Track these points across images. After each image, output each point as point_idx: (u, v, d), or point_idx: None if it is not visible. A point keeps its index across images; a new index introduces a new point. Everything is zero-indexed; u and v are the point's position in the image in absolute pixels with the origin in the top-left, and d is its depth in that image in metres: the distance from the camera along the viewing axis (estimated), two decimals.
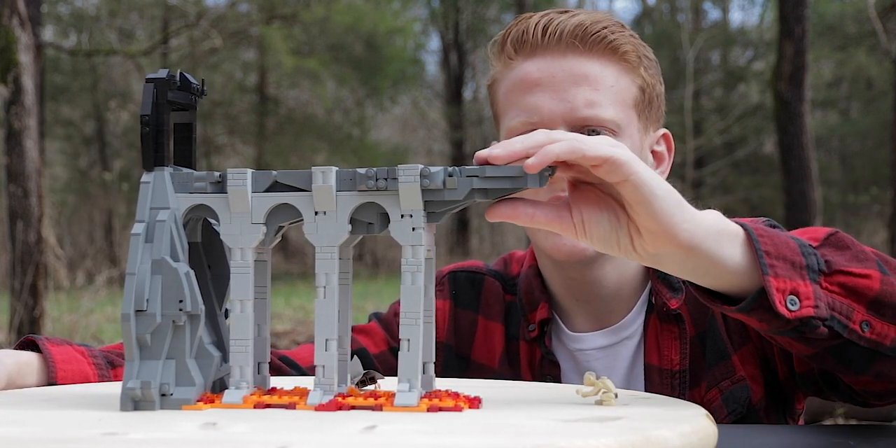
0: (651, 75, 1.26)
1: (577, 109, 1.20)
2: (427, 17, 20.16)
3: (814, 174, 8.17)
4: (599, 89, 1.21)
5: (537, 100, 1.21)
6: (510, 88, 1.25)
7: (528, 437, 0.69)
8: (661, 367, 1.25)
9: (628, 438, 0.69)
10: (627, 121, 1.23)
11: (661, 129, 1.32)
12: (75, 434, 0.72)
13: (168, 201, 0.86)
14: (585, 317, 1.31)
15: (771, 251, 0.89)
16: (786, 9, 8.16)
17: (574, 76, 1.20)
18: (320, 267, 0.85)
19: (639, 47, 1.25)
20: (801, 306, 0.88)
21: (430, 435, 0.70)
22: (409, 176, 0.83)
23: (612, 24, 1.24)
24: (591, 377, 0.88)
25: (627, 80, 1.23)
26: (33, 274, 6.77)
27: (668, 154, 1.33)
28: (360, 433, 0.71)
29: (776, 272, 0.88)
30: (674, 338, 1.25)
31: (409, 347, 0.83)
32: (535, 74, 1.22)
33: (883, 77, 16.26)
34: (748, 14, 32.23)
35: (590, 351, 1.30)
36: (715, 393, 1.22)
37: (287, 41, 15.21)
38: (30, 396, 0.95)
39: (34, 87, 6.94)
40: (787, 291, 0.88)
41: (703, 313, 1.24)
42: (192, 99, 0.90)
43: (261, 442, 0.68)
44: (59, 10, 16.06)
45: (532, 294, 1.33)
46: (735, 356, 1.22)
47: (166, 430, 0.73)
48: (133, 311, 0.83)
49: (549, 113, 1.20)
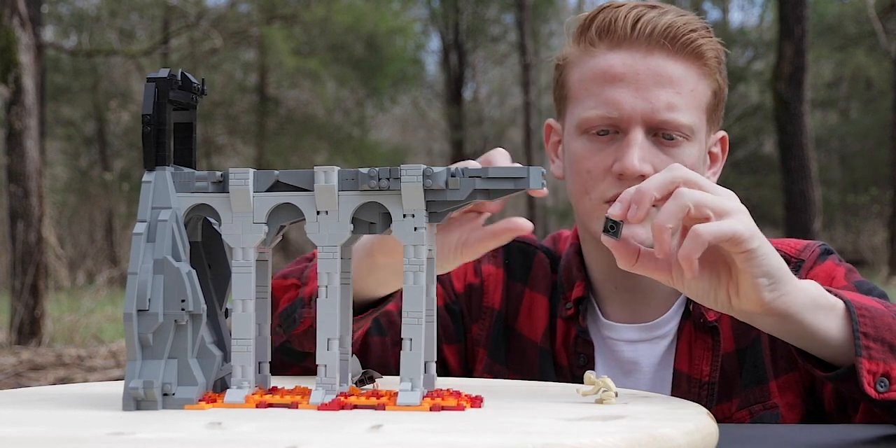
0: (723, 79, 1.27)
1: (657, 111, 1.19)
2: (427, 17, 20.15)
3: (813, 174, 8.17)
4: (681, 93, 1.20)
5: (619, 95, 1.20)
6: (589, 77, 1.23)
7: (535, 436, 0.69)
8: (691, 376, 1.24)
9: (634, 437, 0.69)
10: (700, 125, 1.23)
11: (720, 132, 1.33)
12: (82, 434, 0.72)
13: (170, 201, 0.86)
14: (621, 307, 1.31)
15: (870, 333, 0.91)
16: (786, 9, 8.16)
17: (658, 76, 1.19)
18: (322, 266, 0.85)
19: (719, 52, 1.25)
20: (891, 389, 0.91)
21: (437, 434, 0.71)
22: (412, 176, 0.83)
23: (700, 26, 1.23)
24: (591, 376, 0.88)
25: (705, 84, 1.23)
26: (34, 274, 6.78)
27: (722, 155, 1.34)
28: (366, 432, 0.71)
29: (871, 354, 0.91)
30: (707, 348, 1.24)
31: (412, 346, 0.83)
32: (620, 68, 1.20)
33: (882, 77, 16.27)
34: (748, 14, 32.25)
35: (620, 341, 1.29)
36: (745, 414, 1.22)
37: (287, 41, 15.20)
38: (31, 396, 0.95)
39: (35, 87, 6.95)
40: (878, 374, 0.91)
41: (746, 331, 1.23)
42: (193, 98, 0.90)
43: (270, 441, 0.68)
44: (59, 10, 16.06)
45: (570, 272, 1.33)
46: (774, 382, 1.22)
47: (172, 429, 0.73)
48: (135, 310, 0.83)
49: (630, 110, 1.19)
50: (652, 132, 1.20)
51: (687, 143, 1.21)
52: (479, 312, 1.36)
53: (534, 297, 1.36)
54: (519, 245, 1.39)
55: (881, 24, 10.00)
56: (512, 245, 1.39)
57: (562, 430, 0.72)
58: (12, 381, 5.12)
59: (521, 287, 1.37)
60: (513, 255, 1.39)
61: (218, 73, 16.41)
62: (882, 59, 14.98)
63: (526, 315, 1.35)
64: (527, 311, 1.35)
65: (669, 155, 1.19)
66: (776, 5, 8.94)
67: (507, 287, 1.37)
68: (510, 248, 1.39)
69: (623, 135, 1.20)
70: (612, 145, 1.21)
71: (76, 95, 16.66)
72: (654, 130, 1.20)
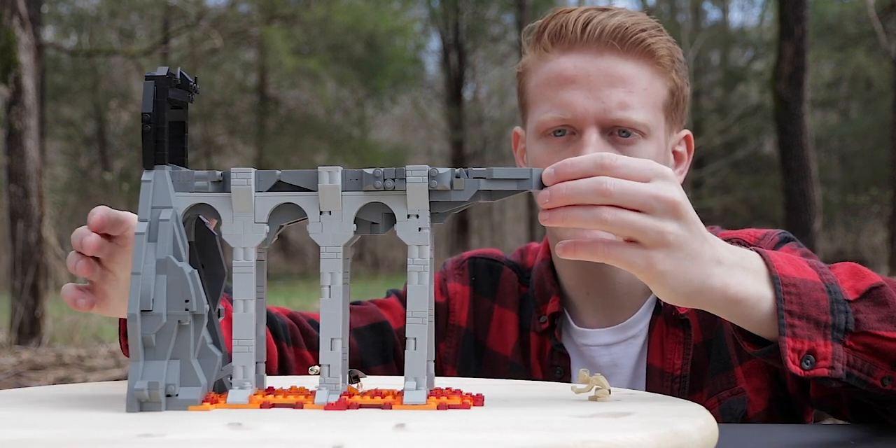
0: (681, 78, 1.28)
1: (610, 111, 1.20)
2: (427, 17, 20.15)
3: (813, 174, 8.16)
4: (633, 91, 1.21)
5: (571, 97, 1.21)
6: (543, 81, 1.25)
7: (568, 433, 0.69)
8: (663, 370, 1.25)
9: (660, 432, 0.70)
10: (657, 123, 1.24)
11: (684, 130, 1.33)
12: (110, 435, 0.71)
13: (170, 200, 0.86)
14: (594, 311, 1.32)
15: (795, 310, 0.91)
16: (785, 9, 8.16)
17: (609, 77, 1.21)
18: (325, 266, 0.85)
19: (673, 50, 1.26)
20: (817, 366, 0.91)
21: (466, 432, 0.71)
22: (417, 177, 0.83)
23: (650, 26, 1.24)
24: (586, 374, 0.90)
25: (660, 82, 1.24)
26: (34, 274, 6.77)
27: (687, 154, 1.35)
28: (396, 431, 0.71)
29: (794, 332, 0.90)
30: (678, 342, 1.26)
31: (416, 345, 0.83)
32: (571, 71, 1.22)
33: (882, 77, 16.26)
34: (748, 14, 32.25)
35: (595, 347, 1.30)
36: (714, 402, 1.23)
37: (287, 41, 15.20)
38: (36, 397, 0.94)
39: (35, 87, 6.94)
40: (803, 351, 0.90)
41: (711, 322, 1.25)
42: (190, 96, 0.90)
43: (309, 441, 0.67)
44: (59, 10, 16.05)
45: (544, 287, 1.34)
46: (739, 368, 1.23)
47: (197, 430, 0.72)
48: (139, 311, 0.83)
49: (582, 111, 1.21)
50: (608, 131, 1.22)
51: (643, 141, 1.22)
52: (446, 330, 1.38)
53: (503, 313, 1.37)
54: (485, 261, 1.42)
55: (881, 24, 10.00)
56: (478, 261, 1.42)
57: (583, 426, 0.73)
58: (12, 381, 5.12)
59: (490, 303, 1.39)
60: (479, 271, 1.41)
61: (218, 73, 16.41)
62: (882, 59, 14.98)
63: (496, 331, 1.37)
64: (497, 326, 1.37)
65: (626, 153, 1.20)
66: (776, 5, 8.94)
67: (474, 304, 1.39)
68: (476, 264, 1.41)
69: (579, 136, 1.22)
70: (569, 146, 1.23)
71: (76, 95, 16.66)
72: (609, 129, 1.22)
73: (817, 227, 8.05)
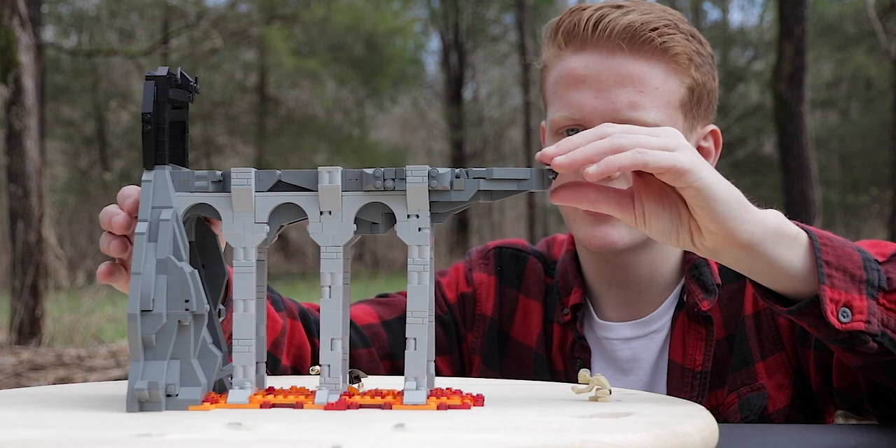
0: (703, 73, 1.25)
1: (619, 111, 1.19)
2: (427, 17, 20.16)
3: (813, 174, 8.16)
4: (644, 91, 1.20)
5: (581, 97, 1.21)
6: (556, 80, 1.25)
7: (568, 433, 0.69)
8: (684, 366, 1.25)
9: (659, 433, 0.70)
10: (671, 123, 1.22)
11: (710, 125, 1.31)
12: (109, 435, 0.71)
13: (170, 200, 0.86)
14: (616, 305, 1.31)
15: (832, 261, 0.90)
16: (785, 9, 8.16)
17: (619, 76, 1.20)
18: (326, 266, 0.85)
19: (690, 47, 1.23)
20: (853, 320, 0.89)
21: (467, 432, 0.71)
22: (417, 177, 0.83)
23: (663, 24, 1.21)
24: (586, 374, 0.90)
25: (676, 81, 1.22)
26: (34, 274, 6.77)
27: (714, 150, 1.32)
28: (395, 431, 0.71)
29: (833, 283, 0.89)
30: (700, 338, 1.25)
31: (416, 346, 0.83)
32: (582, 71, 1.21)
33: (882, 77, 16.26)
34: (748, 14, 32.26)
35: (616, 340, 1.30)
36: (734, 397, 1.22)
37: (287, 41, 15.21)
38: (36, 397, 0.94)
39: (34, 87, 6.94)
40: (840, 303, 0.89)
41: (734, 317, 1.24)
42: (190, 96, 0.90)
43: (308, 441, 0.67)
44: (59, 10, 16.06)
45: (567, 278, 1.34)
46: (760, 364, 1.22)
47: (197, 430, 0.73)
48: (139, 311, 0.83)
49: (591, 112, 1.20)
50: None
51: None
52: (473, 321, 1.38)
53: (528, 303, 1.37)
54: (511, 251, 1.41)
55: (881, 24, 9.99)
56: (504, 251, 1.41)
57: (583, 426, 0.73)
58: (12, 381, 5.12)
59: (515, 293, 1.38)
60: (505, 262, 1.40)
61: (218, 73, 16.41)
62: (882, 59, 14.98)
63: (520, 321, 1.36)
64: (521, 316, 1.37)
65: None
66: (776, 5, 8.94)
67: (500, 293, 1.39)
68: (502, 254, 1.41)
69: None
70: None
71: (76, 95, 16.67)
72: None
73: (817, 227, 8.04)
